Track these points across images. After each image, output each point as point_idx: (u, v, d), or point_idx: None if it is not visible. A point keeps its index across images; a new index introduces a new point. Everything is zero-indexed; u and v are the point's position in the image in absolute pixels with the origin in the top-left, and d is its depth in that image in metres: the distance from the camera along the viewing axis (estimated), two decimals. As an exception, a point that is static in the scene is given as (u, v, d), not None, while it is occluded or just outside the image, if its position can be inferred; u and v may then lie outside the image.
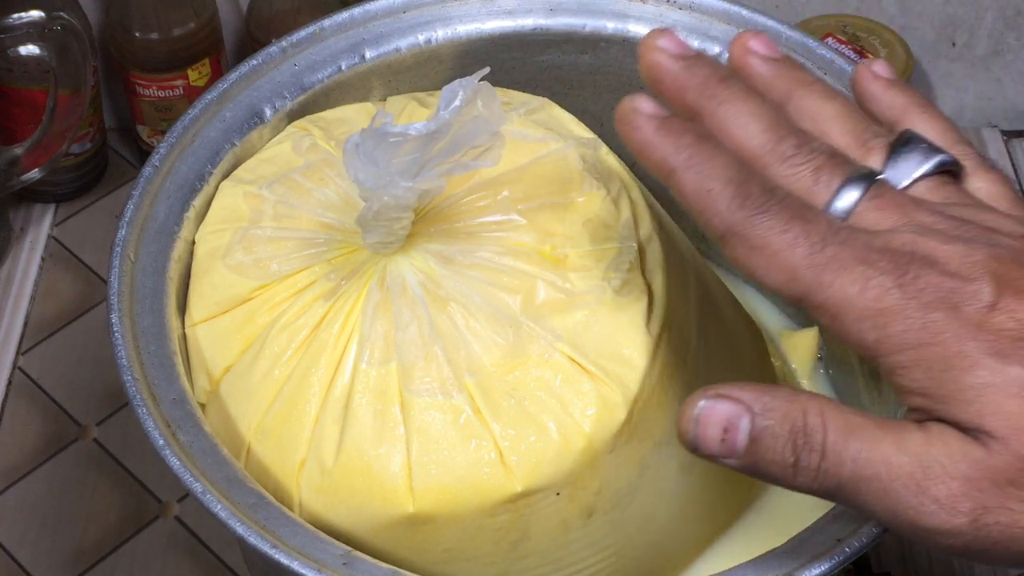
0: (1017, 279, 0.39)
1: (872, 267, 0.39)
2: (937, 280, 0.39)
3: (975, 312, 0.39)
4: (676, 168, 0.42)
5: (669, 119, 0.42)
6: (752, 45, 0.46)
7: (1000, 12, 0.91)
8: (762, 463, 0.40)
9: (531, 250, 0.51)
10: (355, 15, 0.60)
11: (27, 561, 0.72)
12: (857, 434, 0.40)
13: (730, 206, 0.40)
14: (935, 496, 0.39)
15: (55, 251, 0.88)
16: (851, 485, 0.40)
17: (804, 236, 0.40)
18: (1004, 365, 0.38)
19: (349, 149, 0.47)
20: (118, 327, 0.50)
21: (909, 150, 0.43)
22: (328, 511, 0.49)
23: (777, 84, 0.46)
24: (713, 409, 0.40)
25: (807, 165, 0.42)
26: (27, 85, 0.83)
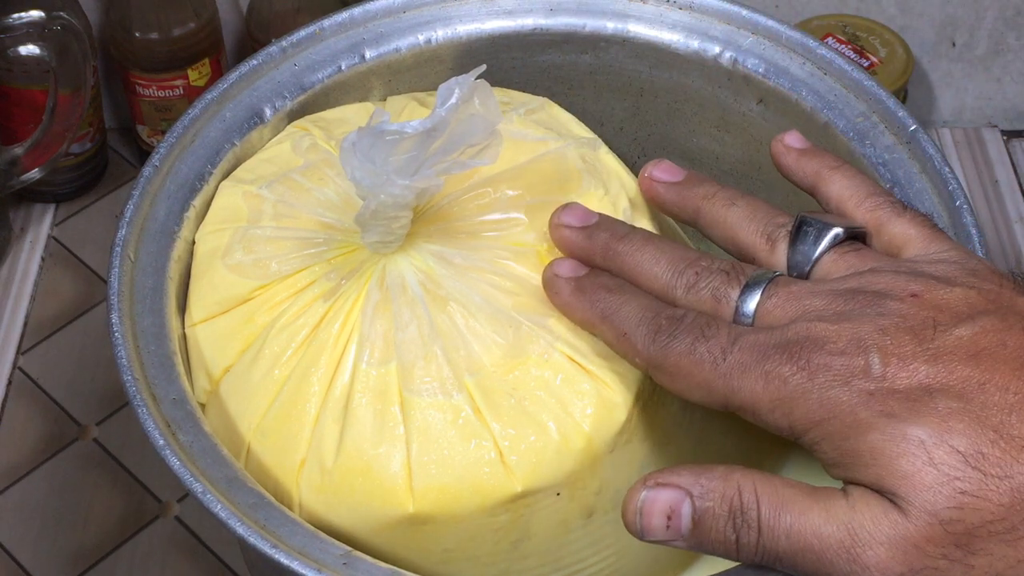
0: (901, 347, 0.42)
1: (769, 362, 0.43)
2: (827, 361, 0.42)
3: (865, 384, 0.41)
4: (595, 322, 0.48)
5: (583, 280, 0.49)
6: (655, 174, 0.52)
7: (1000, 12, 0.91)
8: (707, 542, 0.43)
9: (531, 249, 0.51)
10: (355, 15, 0.60)
11: (27, 561, 0.72)
12: (788, 507, 0.42)
13: (644, 342, 0.45)
14: (865, 564, 0.41)
15: (55, 251, 0.88)
16: (788, 558, 0.42)
17: (707, 352, 0.44)
18: (894, 425, 0.41)
19: (346, 148, 0.47)
20: (118, 327, 0.50)
21: (804, 235, 0.47)
22: (328, 511, 0.49)
23: (685, 204, 0.51)
24: (655, 498, 0.43)
25: (707, 288, 0.46)
26: (27, 85, 0.83)
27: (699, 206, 0.50)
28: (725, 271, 0.46)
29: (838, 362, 0.42)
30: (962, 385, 0.41)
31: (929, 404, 0.41)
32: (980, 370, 0.41)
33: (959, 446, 0.40)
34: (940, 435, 0.40)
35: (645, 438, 0.51)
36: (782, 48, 0.59)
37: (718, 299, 0.46)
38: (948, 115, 0.97)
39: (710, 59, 0.60)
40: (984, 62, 0.94)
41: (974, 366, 0.41)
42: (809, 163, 0.51)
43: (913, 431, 0.40)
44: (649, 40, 0.61)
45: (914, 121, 0.56)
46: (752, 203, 0.49)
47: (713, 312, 0.46)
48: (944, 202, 0.53)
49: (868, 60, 0.88)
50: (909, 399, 0.41)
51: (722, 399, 0.44)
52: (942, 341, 0.42)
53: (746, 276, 0.46)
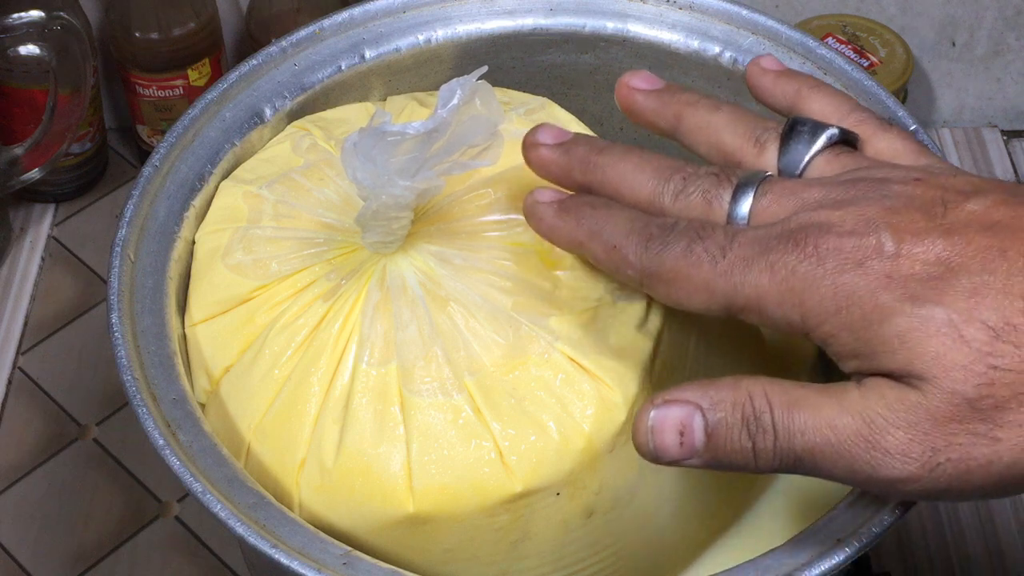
0: (912, 223, 0.40)
1: (773, 252, 0.41)
2: (837, 243, 0.40)
3: (880, 264, 0.40)
4: (582, 240, 0.45)
5: (566, 200, 0.46)
6: (634, 83, 0.49)
7: (1000, 12, 0.91)
8: (723, 455, 0.42)
9: (531, 250, 0.51)
10: (355, 15, 0.60)
11: (27, 561, 0.72)
12: (800, 406, 0.41)
13: (636, 253, 0.43)
14: (884, 448, 0.40)
15: (55, 251, 0.88)
16: (807, 456, 0.41)
17: (705, 252, 0.42)
18: (919, 308, 0.39)
19: (347, 148, 0.47)
20: (118, 327, 0.50)
21: (797, 135, 0.45)
22: (328, 511, 0.49)
23: (664, 111, 0.48)
24: (665, 416, 0.42)
25: (696, 192, 0.44)
26: (27, 85, 0.83)
27: (681, 112, 0.48)
28: (714, 174, 0.44)
29: (848, 243, 0.40)
30: (983, 256, 0.40)
31: (952, 281, 0.39)
32: (999, 239, 0.40)
33: (988, 320, 0.39)
34: (969, 311, 0.39)
35: (645, 438, 0.50)
36: (782, 48, 0.59)
37: (709, 202, 0.44)
38: (948, 115, 0.97)
39: (710, 59, 0.60)
40: (984, 62, 0.94)
41: (992, 236, 0.40)
42: (788, 83, 0.49)
43: (940, 311, 0.39)
44: (649, 40, 0.61)
45: (914, 121, 0.56)
46: (738, 108, 0.48)
47: (705, 217, 0.44)
48: (944, 202, 0.53)
49: (868, 60, 0.88)
50: (931, 278, 0.39)
51: (724, 300, 0.42)
52: (955, 215, 0.41)
53: (737, 177, 0.44)
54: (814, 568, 0.44)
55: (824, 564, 0.44)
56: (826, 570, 0.44)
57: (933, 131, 0.96)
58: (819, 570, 0.44)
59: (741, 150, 0.46)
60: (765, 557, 0.45)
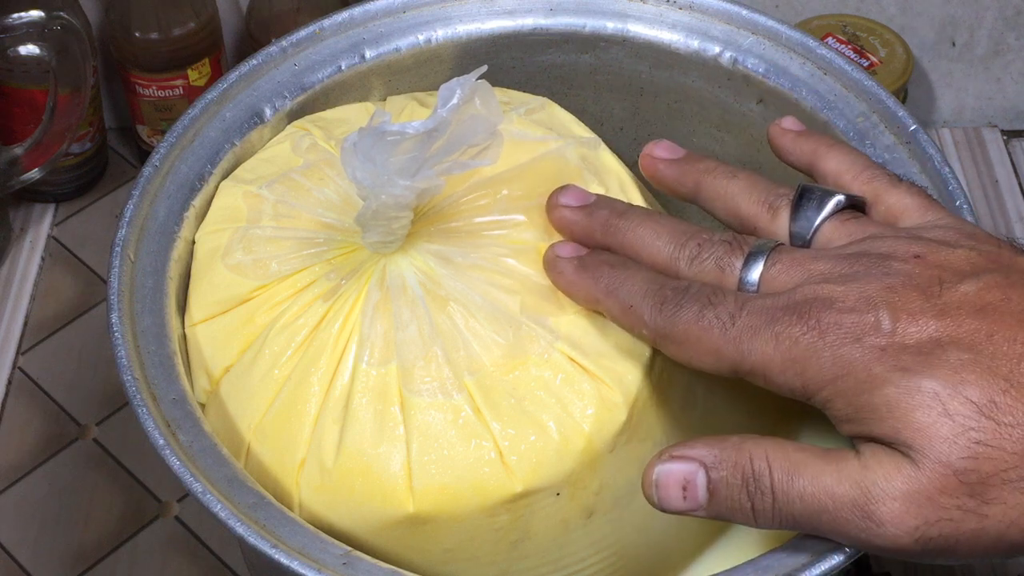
0: (910, 303, 0.43)
1: (779, 323, 0.43)
2: (837, 318, 0.43)
3: (877, 340, 0.42)
4: (600, 298, 0.48)
5: (586, 257, 0.49)
6: (656, 153, 0.52)
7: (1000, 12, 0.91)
8: (725, 511, 0.44)
9: (531, 249, 0.51)
10: (355, 15, 0.60)
11: (27, 561, 0.72)
12: (800, 471, 0.43)
13: (651, 314, 0.46)
14: (879, 519, 0.41)
15: (55, 251, 0.88)
16: (805, 520, 0.43)
17: (716, 318, 0.44)
18: (908, 379, 0.41)
19: (347, 148, 0.47)
20: (118, 327, 0.50)
21: (806, 202, 0.48)
22: (328, 511, 0.49)
23: (685, 179, 0.51)
24: (670, 471, 0.44)
25: (710, 258, 0.47)
26: (27, 85, 0.83)
27: (700, 180, 0.51)
28: (727, 242, 0.47)
29: (848, 319, 0.43)
30: (971, 337, 0.42)
31: (941, 357, 0.41)
32: (988, 322, 0.42)
33: (972, 396, 0.41)
34: (954, 386, 0.41)
35: (645, 438, 0.51)
36: (782, 48, 0.59)
37: (722, 268, 0.46)
38: (948, 115, 0.97)
39: (710, 59, 0.60)
40: (984, 62, 0.94)
41: (981, 319, 0.42)
42: (806, 142, 0.52)
43: (927, 383, 0.41)
44: (649, 40, 0.61)
45: (914, 121, 0.56)
46: (753, 175, 0.50)
47: (717, 283, 0.46)
48: (944, 202, 0.53)
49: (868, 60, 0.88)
50: (921, 353, 0.42)
51: (732, 364, 0.44)
52: (949, 297, 0.43)
53: (749, 246, 0.47)
54: (814, 568, 0.44)
55: (824, 564, 0.44)
56: (826, 570, 0.44)
57: (933, 131, 0.96)
58: (819, 570, 0.44)
59: (756, 216, 0.49)
60: (765, 557, 0.45)
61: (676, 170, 0.52)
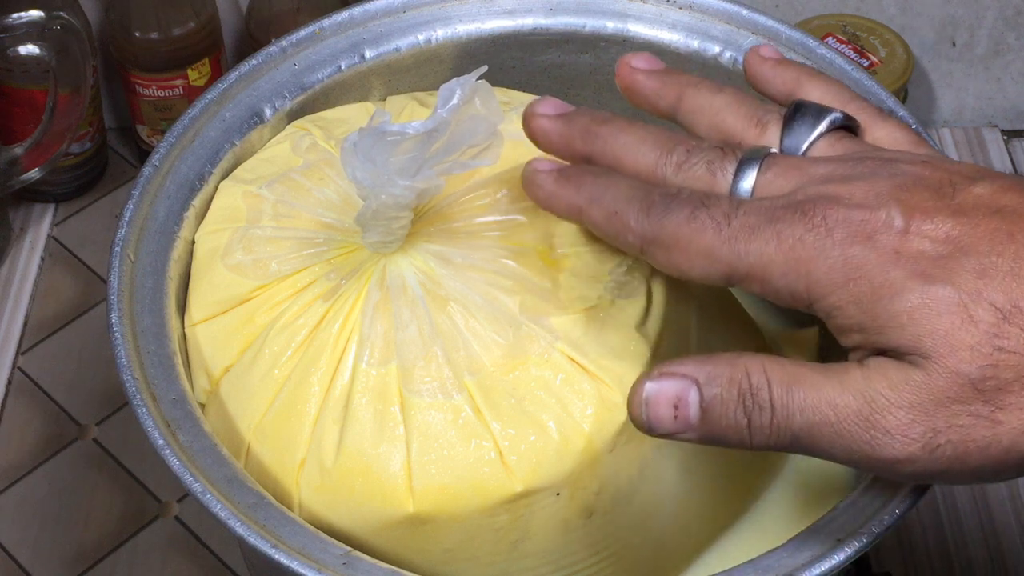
0: (922, 201, 0.41)
1: (780, 221, 0.41)
2: (845, 214, 0.40)
3: (890, 239, 0.40)
4: (582, 207, 0.45)
5: (566, 168, 0.46)
6: (635, 63, 0.49)
7: (1000, 12, 0.91)
8: (718, 431, 0.42)
9: (531, 249, 0.51)
10: (355, 15, 0.60)
11: (27, 561, 0.72)
12: (800, 384, 0.41)
13: (637, 218, 0.43)
14: (885, 428, 0.40)
15: (55, 251, 0.88)
16: (805, 434, 0.41)
17: (710, 218, 0.42)
18: (929, 286, 0.39)
19: (347, 148, 0.47)
20: (118, 327, 0.50)
21: (800, 116, 0.45)
22: (328, 511, 0.49)
23: (666, 91, 0.48)
24: (661, 389, 0.42)
25: (700, 164, 0.44)
26: (27, 85, 0.83)
27: (682, 92, 0.48)
28: (718, 147, 0.44)
29: (858, 215, 0.40)
30: (991, 238, 0.40)
31: (961, 261, 0.40)
32: (1007, 223, 0.40)
33: (996, 301, 0.39)
34: (977, 292, 0.39)
35: (646, 438, 0.50)
36: (782, 48, 0.59)
37: (712, 173, 0.44)
38: (948, 115, 0.97)
39: (710, 59, 0.60)
40: (984, 62, 0.94)
41: (999, 220, 0.40)
42: (788, 70, 0.49)
43: (949, 290, 0.39)
44: (649, 40, 0.61)
45: (914, 121, 0.56)
46: (740, 91, 0.47)
47: (707, 189, 0.43)
48: (944, 202, 0.53)
49: (868, 60, 0.88)
50: (940, 257, 0.40)
51: (727, 267, 0.42)
52: (963, 197, 0.41)
53: (741, 151, 0.44)
54: (814, 568, 0.44)
55: (824, 564, 0.44)
56: (826, 570, 0.44)
57: (933, 131, 0.96)
58: (819, 570, 0.44)
59: (743, 131, 0.46)
60: (765, 557, 0.45)
61: (656, 81, 0.49)
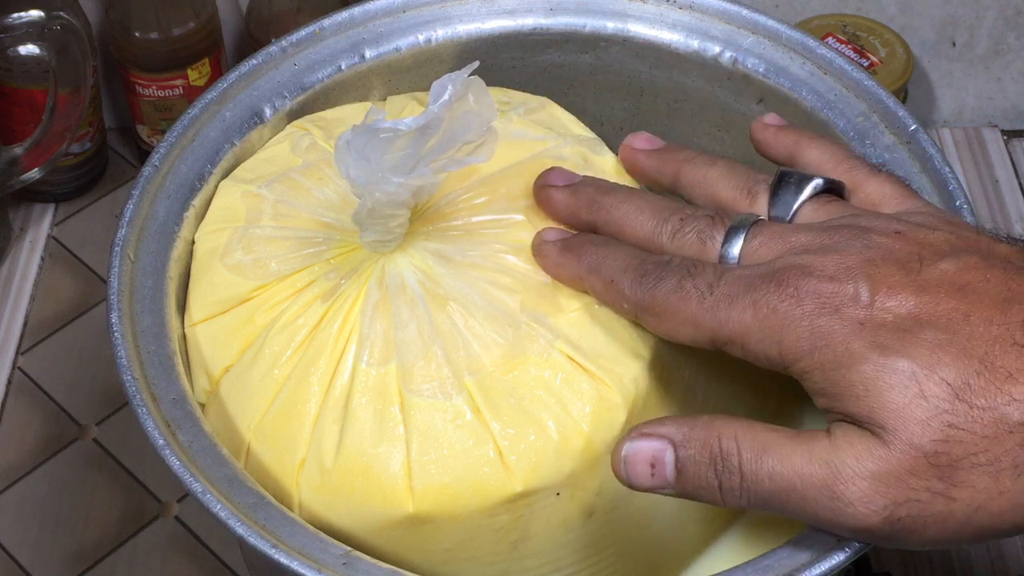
0: (889, 276, 0.43)
1: (757, 291, 0.44)
2: (816, 287, 0.43)
3: (855, 312, 0.42)
4: (583, 275, 0.49)
5: (570, 239, 0.50)
6: (636, 144, 0.53)
7: (1000, 12, 0.91)
8: (692, 490, 0.44)
9: (529, 248, 0.51)
10: (355, 15, 0.60)
11: (27, 561, 0.72)
12: (770, 452, 0.43)
13: (632, 287, 0.46)
14: (848, 499, 0.41)
15: (55, 251, 0.88)
16: (774, 499, 0.43)
17: (694, 288, 0.45)
18: (885, 358, 0.41)
19: (340, 146, 0.47)
20: (118, 327, 0.50)
21: (785, 185, 0.48)
22: (328, 511, 0.49)
23: (664, 168, 0.52)
24: (638, 448, 0.44)
25: (692, 232, 0.47)
26: (27, 85, 0.83)
27: (679, 168, 0.51)
28: (710, 216, 0.47)
29: (827, 288, 0.43)
30: (948, 316, 0.42)
31: (918, 335, 0.41)
32: (965, 302, 0.42)
33: (948, 378, 0.41)
34: (931, 367, 0.41)
35: (645, 438, 0.50)
36: (782, 48, 0.59)
37: (703, 242, 0.47)
38: (948, 115, 0.97)
39: (710, 59, 0.60)
40: (984, 62, 0.94)
41: (960, 299, 0.42)
42: (788, 135, 0.52)
43: (904, 363, 0.41)
44: (649, 40, 0.61)
45: (914, 121, 0.56)
46: (732, 162, 0.50)
47: (699, 256, 0.47)
48: (944, 202, 0.53)
49: (868, 60, 0.88)
50: (900, 330, 0.42)
51: (710, 333, 0.44)
52: (928, 274, 0.43)
53: (730, 220, 0.47)
54: (814, 568, 0.44)
55: (824, 564, 0.44)
56: (826, 570, 0.44)
57: (933, 131, 0.96)
58: (819, 570, 0.44)
59: (735, 200, 0.49)
60: (765, 557, 0.45)
61: (656, 160, 0.52)
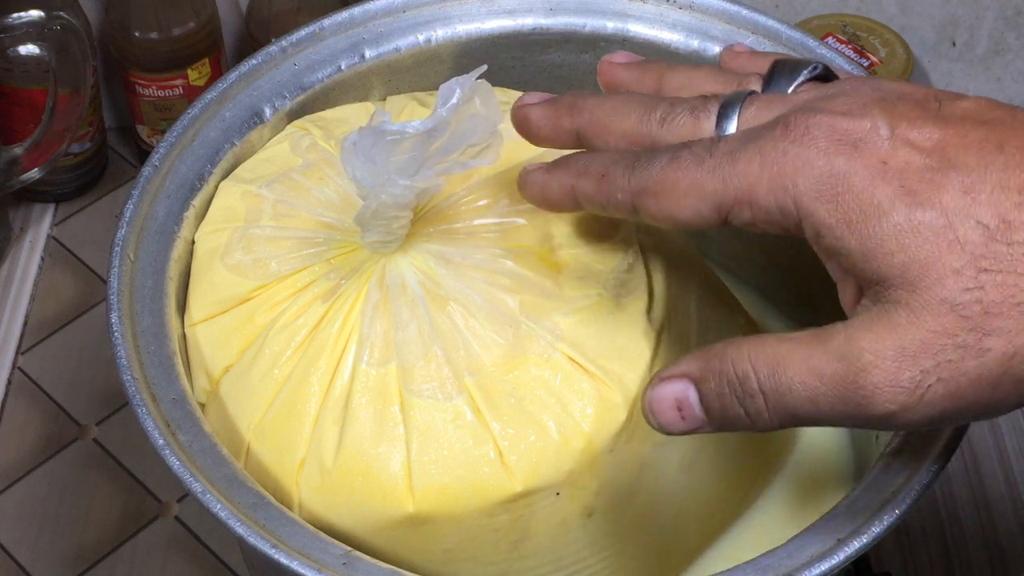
0: (908, 110, 0.40)
1: (762, 139, 0.40)
2: (829, 122, 0.39)
3: (877, 148, 0.39)
4: (573, 182, 0.45)
5: (557, 160, 0.47)
6: (615, 59, 0.49)
7: (1000, 12, 0.91)
8: (724, 422, 0.42)
9: (531, 250, 0.51)
10: (355, 15, 0.60)
11: (27, 561, 0.72)
12: (786, 363, 0.40)
13: (625, 174, 0.43)
14: (873, 384, 0.39)
15: (55, 251, 0.88)
16: (802, 411, 0.40)
17: (691, 154, 0.41)
18: (916, 207, 0.38)
19: (347, 147, 0.47)
20: (118, 327, 0.50)
21: (779, 71, 0.45)
22: (328, 511, 0.49)
23: (646, 77, 0.48)
24: (661, 395, 0.42)
25: (683, 113, 0.44)
26: (27, 85, 0.83)
27: (662, 75, 0.48)
28: (701, 97, 0.44)
29: (841, 124, 0.39)
30: (979, 147, 0.38)
31: (948, 176, 0.38)
32: (996, 132, 0.39)
33: (984, 218, 0.38)
34: (964, 210, 0.38)
35: (645, 438, 0.50)
36: (782, 48, 0.59)
37: (697, 119, 0.43)
38: (948, 115, 0.97)
39: (710, 59, 0.60)
40: (984, 62, 0.94)
41: (988, 129, 0.39)
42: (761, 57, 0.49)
43: (936, 212, 0.38)
44: (649, 40, 0.61)
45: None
46: (717, 67, 0.48)
47: (692, 136, 0.43)
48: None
49: (868, 60, 0.88)
50: (928, 170, 0.38)
51: (715, 198, 0.41)
52: (949, 110, 0.40)
53: (722, 97, 0.44)
54: (814, 568, 0.44)
55: (824, 564, 0.44)
56: (826, 570, 0.44)
57: (933, 131, 0.96)
58: (819, 570, 0.44)
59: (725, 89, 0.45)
60: (765, 557, 0.45)
61: (637, 71, 0.49)
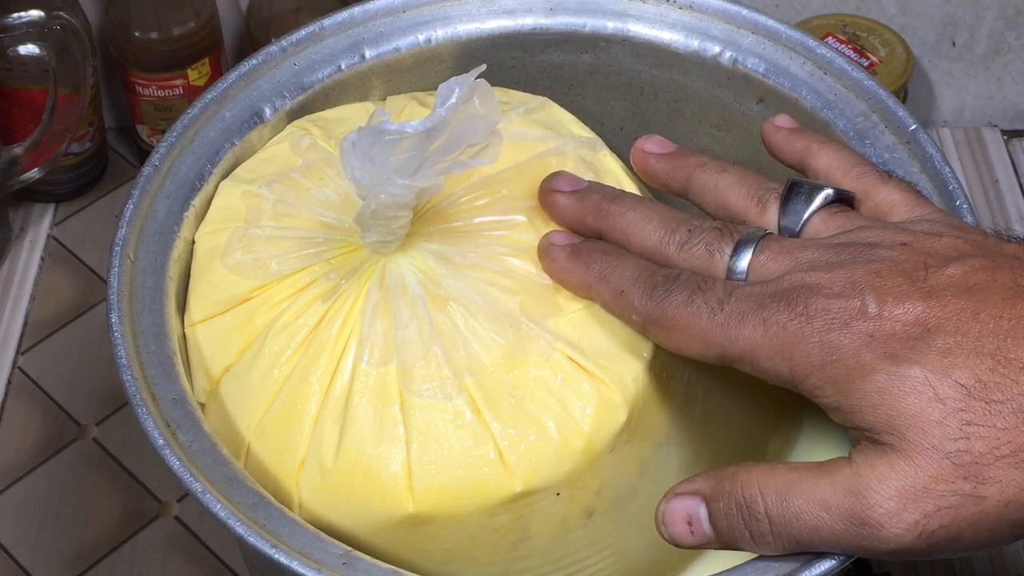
0: (896, 287, 0.43)
1: (767, 310, 0.44)
2: (825, 304, 0.43)
3: (864, 325, 0.42)
4: (591, 283, 0.49)
5: (579, 245, 0.50)
6: (648, 147, 0.53)
7: (1000, 12, 0.91)
8: (731, 541, 0.44)
9: (531, 249, 0.51)
10: (355, 15, 0.60)
11: (27, 561, 0.72)
12: (794, 492, 0.43)
13: (641, 299, 0.47)
14: (878, 523, 0.41)
15: (55, 251, 0.88)
16: (805, 538, 0.43)
17: (704, 303, 0.45)
18: (897, 366, 0.42)
19: (346, 147, 0.47)
20: (118, 327, 0.50)
21: (795, 195, 0.48)
22: (328, 511, 0.49)
23: (676, 173, 0.52)
24: (674, 509, 0.45)
25: (700, 244, 0.47)
26: (27, 85, 0.83)
27: (691, 174, 0.51)
28: (717, 228, 0.47)
29: (835, 305, 0.43)
30: (957, 318, 0.42)
31: (928, 341, 0.42)
32: (973, 302, 0.42)
33: (961, 379, 0.41)
34: (943, 371, 0.41)
35: (645, 438, 0.50)
36: (782, 48, 0.59)
37: (711, 254, 0.47)
38: (948, 115, 0.97)
39: (710, 59, 0.60)
40: (984, 62, 0.94)
41: (967, 299, 0.42)
42: (799, 139, 0.52)
43: (917, 370, 0.41)
44: (649, 40, 0.61)
45: (914, 121, 0.56)
46: (743, 170, 0.50)
47: (707, 270, 0.47)
48: (944, 202, 0.53)
49: (868, 60, 0.88)
50: (909, 338, 0.42)
51: (719, 350, 0.45)
52: (934, 280, 0.43)
53: (738, 233, 0.47)
54: (814, 568, 0.44)
55: (824, 564, 0.44)
56: (826, 570, 0.44)
57: (933, 131, 0.96)
58: (819, 570, 0.44)
59: (745, 209, 0.49)
60: (765, 557, 0.45)
61: (667, 164, 0.52)
